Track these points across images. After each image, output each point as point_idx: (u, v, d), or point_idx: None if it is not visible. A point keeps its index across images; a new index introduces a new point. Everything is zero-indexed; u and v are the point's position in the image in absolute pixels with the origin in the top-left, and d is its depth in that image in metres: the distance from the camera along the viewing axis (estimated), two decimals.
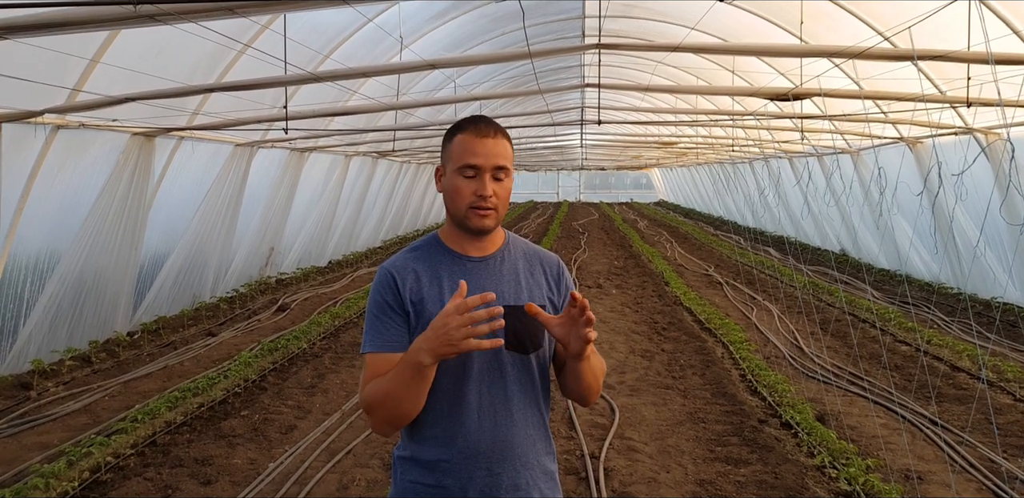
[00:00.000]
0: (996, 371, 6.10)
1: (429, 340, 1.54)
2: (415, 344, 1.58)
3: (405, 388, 1.60)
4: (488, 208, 1.69)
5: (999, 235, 8.58)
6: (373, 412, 1.65)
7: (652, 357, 6.96)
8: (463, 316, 1.51)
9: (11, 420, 5.13)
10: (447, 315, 1.52)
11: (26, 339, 6.11)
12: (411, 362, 1.57)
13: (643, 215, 29.23)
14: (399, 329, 1.69)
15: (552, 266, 1.85)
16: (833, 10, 7.73)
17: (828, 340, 7.56)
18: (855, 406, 5.54)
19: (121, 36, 5.76)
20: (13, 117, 5.42)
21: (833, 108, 10.03)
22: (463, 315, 1.51)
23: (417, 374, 1.58)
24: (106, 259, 6.84)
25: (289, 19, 6.69)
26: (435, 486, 1.68)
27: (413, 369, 1.57)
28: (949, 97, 6.84)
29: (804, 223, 15.70)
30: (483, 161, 1.69)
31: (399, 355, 1.66)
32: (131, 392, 5.85)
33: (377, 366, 1.67)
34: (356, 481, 4.18)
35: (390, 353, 1.67)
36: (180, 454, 4.52)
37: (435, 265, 1.75)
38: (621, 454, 4.57)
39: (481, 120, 1.74)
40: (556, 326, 1.64)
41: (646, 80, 13.50)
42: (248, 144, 9.01)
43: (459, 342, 1.52)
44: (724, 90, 10.20)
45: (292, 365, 6.65)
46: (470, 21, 10.40)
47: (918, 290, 10.20)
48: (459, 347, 1.53)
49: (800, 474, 4.24)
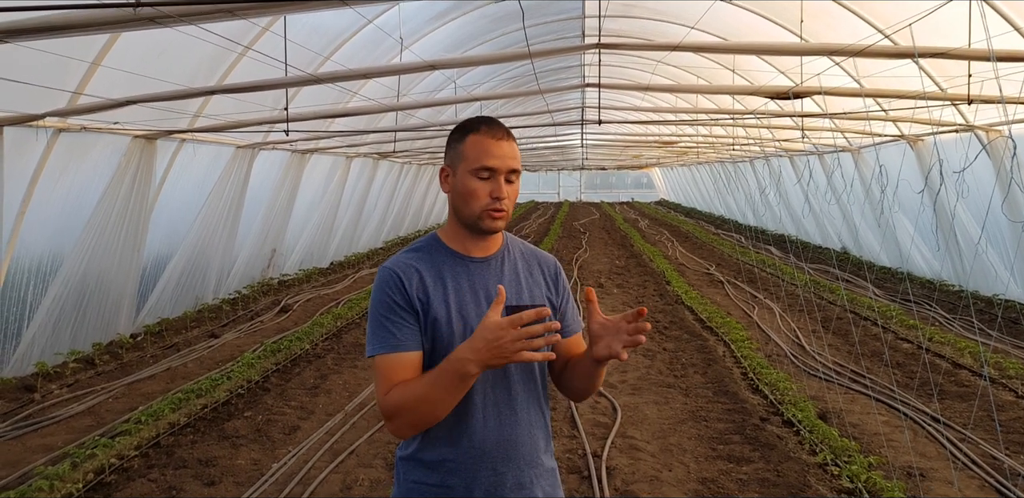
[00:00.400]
0: (998, 368, 6.10)
1: (479, 352, 1.52)
2: (460, 353, 1.55)
3: (446, 394, 1.58)
4: (502, 210, 1.71)
5: (1000, 232, 8.58)
6: (400, 416, 1.61)
7: (654, 356, 6.96)
8: (518, 330, 1.50)
9: (15, 422, 5.15)
10: (501, 328, 1.50)
11: (30, 342, 6.13)
12: (456, 370, 1.55)
13: (644, 214, 29.22)
14: (411, 328, 1.67)
15: (550, 267, 1.87)
16: (833, 8, 7.72)
17: (830, 338, 7.56)
18: (857, 404, 5.54)
19: (122, 39, 5.77)
20: (15, 120, 5.43)
21: (834, 106, 10.03)
22: (518, 329, 1.50)
23: (461, 382, 1.57)
24: (109, 261, 6.86)
25: (289, 21, 6.70)
26: (439, 486, 1.68)
27: (458, 378, 1.56)
28: (950, 94, 6.83)
29: (805, 221, 15.69)
30: (499, 163, 1.69)
31: (412, 355, 1.66)
32: (135, 394, 5.87)
33: (391, 368, 1.64)
34: (360, 481, 4.19)
35: (403, 353, 1.65)
36: (184, 455, 4.54)
37: (437, 265, 1.75)
38: (623, 453, 4.58)
39: (492, 121, 1.75)
40: (598, 324, 1.65)
41: (646, 80, 13.50)
42: (249, 146, 9.03)
43: (512, 355, 1.51)
44: (725, 89, 10.21)
45: (295, 366, 6.67)
46: (470, 22, 10.40)
47: (920, 288, 10.20)
48: (511, 359, 1.52)
49: (802, 472, 4.25)
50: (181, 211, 8.39)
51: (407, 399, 1.59)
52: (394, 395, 1.61)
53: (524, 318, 1.50)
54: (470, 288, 1.74)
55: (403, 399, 1.60)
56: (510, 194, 1.72)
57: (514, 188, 1.74)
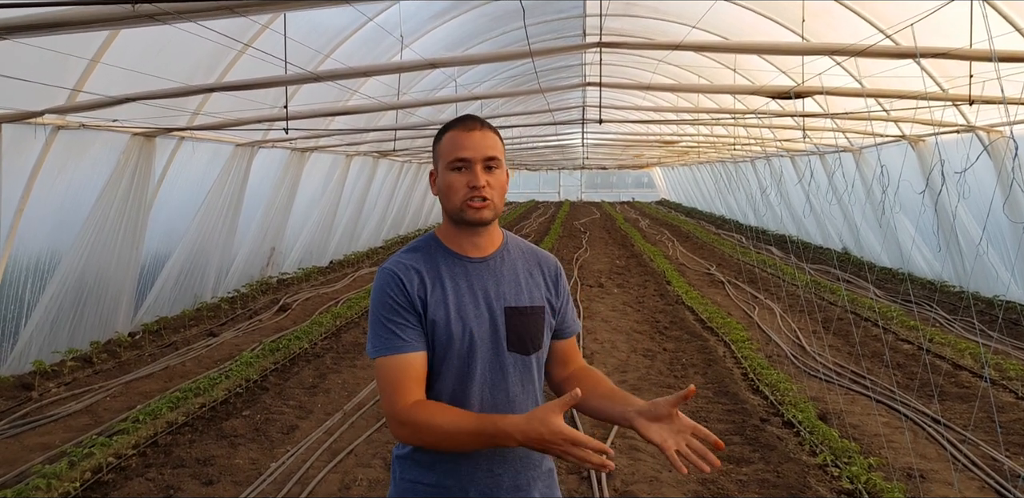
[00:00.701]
0: (999, 369, 6.08)
1: (529, 441, 1.50)
2: (511, 428, 1.51)
3: (473, 445, 1.57)
4: (483, 199, 1.67)
5: (1002, 233, 8.56)
6: (417, 434, 1.59)
7: (654, 356, 6.95)
8: (576, 448, 1.47)
9: (13, 421, 5.14)
10: (563, 439, 1.47)
11: (27, 340, 6.11)
12: (494, 437, 1.53)
13: (644, 214, 29.20)
14: (413, 329, 1.66)
15: (550, 267, 1.84)
16: (835, 8, 7.71)
17: (830, 339, 7.54)
18: (857, 405, 5.52)
19: (121, 36, 5.75)
20: (13, 118, 5.41)
21: (835, 106, 10.01)
22: (577, 448, 1.47)
23: (492, 443, 1.55)
24: (107, 260, 6.84)
25: (289, 18, 6.68)
26: (435, 485, 1.68)
27: (492, 442, 1.55)
28: (951, 95, 6.82)
29: (806, 222, 15.68)
30: (472, 153, 1.67)
31: (417, 355, 1.64)
32: (132, 392, 5.85)
33: (398, 369, 1.63)
34: (358, 481, 4.18)
35: (408, 355, 1.64)
36: (182, 454, 4.52)
37: (436, 266, 1.73)
38: (623, 453, 4.56)
39: (468, 117, 1.74)
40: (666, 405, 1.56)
41: (647, 79, 13.49)
42: (249, 144, 9.01)
43: (554, 455, 1.54)
44: (726, 88, 10.18)
45: (294, 365, 6.65)
46: (471, 20, 10.39)
47: (920, 288, 10.18)
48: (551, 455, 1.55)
49: (802, 473, 4.23)
50: (180, 209, 8.37)
51: (433, 427, 1.57)
52: (421, 414, 1.59)
53: (588, 445, 1.46)
54: (469, 289, 1.72)
55: (429, 424, 1.57)
56: (492, 183, 1.68)
57: (496, 177, 1.70)
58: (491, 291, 1.72)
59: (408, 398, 1.61)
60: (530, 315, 1.73)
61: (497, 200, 1.71)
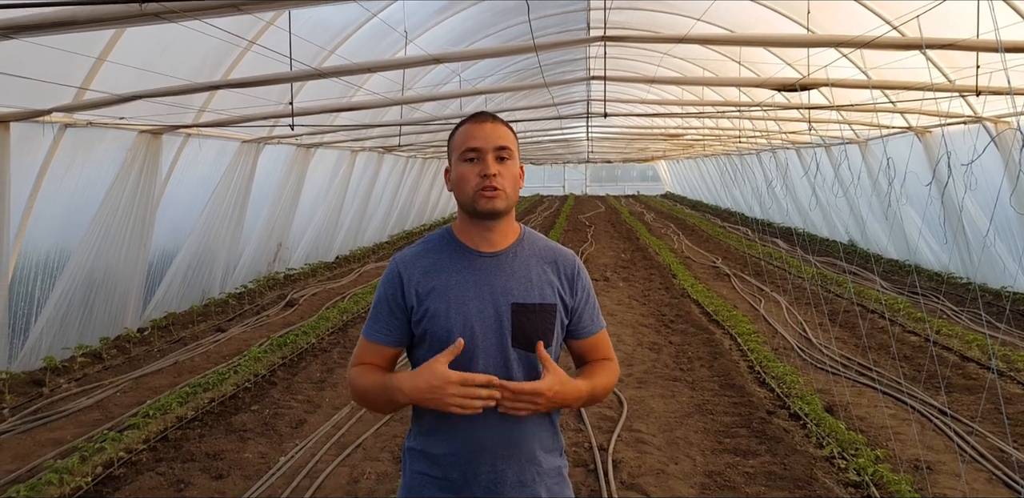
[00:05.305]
0: (1006, 361, 6.08)
1: (419, 391, 1.59)
2: (399, 382, 1.63)
3: (377, 402, 1.72)
4: (495, 188, 1.68)
5: (1009, 224, 8.53)
6: (354, 396, 1.78)
7: (660, 349, 6.96)
8: (464, 389, 1.56)
9: (24, 416, 5.18)
10: (449, 382, 1.57)
11: (38, 336, 6.16)
12: (389, 393, 1.65)
13: (650, 207, 29.16)
14: (392, 324, 1.76)
15: (568, 265, 1.81)
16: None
17: (836, 331, 7.54)
18: (864, 397, 5.53)
19: (127, 34, 5.77)
20: (21, 116, 5.44)
21: (841, 98, 9.96)
22: (464, 388, 1.56)
23: (388, 404, 1.70)
24: (115, 256, 6.89)
25: (294, 15, 6.69)
26: (442, 478, 1.71)
27: (388, 399, 1.67)
28: (958, 86, 6.79)
29: (812, 214, 15.64)
30: (482, 143, 1.70)
31: (383, 348, 1.77)
32: (142, 388, 5.90)
33: (364, 349, 1.79)
34: (366, 474, 4.21)
35: (376, 344, 1.77)
36: (192, 449, 4.56)
37: (444, 259, 1.75)
38: (629, 446, 4.58)
39: (479, 112, 1.78)
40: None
41: (652, 72, 13.45)
42: (254, 140, 9.04)
43: (446, 407, 1.59)
44: (731, 81, 10.14)
45: (301, 360, 6.69)
46: (474, 15, 10.37)
47: (927, 280, 10.16)
48: (442, 408, 1.60)
49: (809, 465, 4.24)
50: (187, 206, 8.41)
51: (354, 387, 1.76)
52: (352, 374, 1.77)
53: (475, 381, 1.57)
54: (475, 283, 1.73)
55: (352, 386, 1.76)
56: (503, 172, 1.70)
57: (508, 168, 1.71)
58: (498, 286, 1.73)
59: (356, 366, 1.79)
60: (538, 312, 1.72)
61: (510, 190, 1.72)
